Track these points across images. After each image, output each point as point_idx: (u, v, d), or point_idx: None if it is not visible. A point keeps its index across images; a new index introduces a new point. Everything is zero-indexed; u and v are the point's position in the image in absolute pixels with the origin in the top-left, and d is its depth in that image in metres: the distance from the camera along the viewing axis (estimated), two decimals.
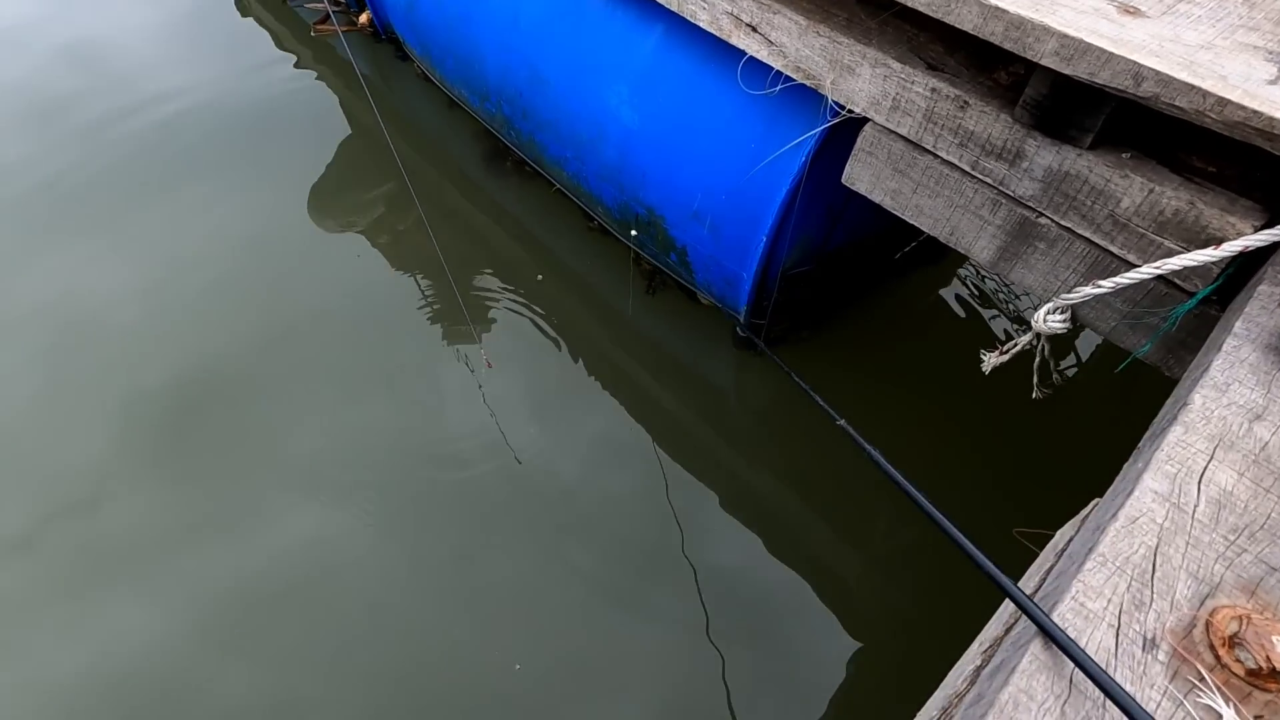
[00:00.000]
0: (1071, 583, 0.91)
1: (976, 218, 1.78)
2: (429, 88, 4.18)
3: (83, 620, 2.39)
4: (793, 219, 2.32)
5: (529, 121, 3.10)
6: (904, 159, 1.86)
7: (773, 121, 2.24)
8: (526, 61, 2.96)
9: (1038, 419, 2.74)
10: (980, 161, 1.70)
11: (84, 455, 2.75)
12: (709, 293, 2.89)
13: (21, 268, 3.39)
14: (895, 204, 1.94)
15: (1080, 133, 1.50)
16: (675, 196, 2.60)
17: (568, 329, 3.22)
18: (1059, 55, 1.37)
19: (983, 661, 1.03)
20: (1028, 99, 1.54)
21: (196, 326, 3.15)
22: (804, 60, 1.94)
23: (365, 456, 2.78)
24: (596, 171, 2.87)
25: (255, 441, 2.82)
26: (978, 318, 3.35)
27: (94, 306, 3.22)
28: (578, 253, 3.51)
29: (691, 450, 2.87)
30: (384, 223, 3.68)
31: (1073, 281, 1.67)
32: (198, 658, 2.32)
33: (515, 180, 3.78)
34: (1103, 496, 1.19)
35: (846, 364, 3.08)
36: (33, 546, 2.54)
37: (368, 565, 2.53)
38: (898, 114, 1.80)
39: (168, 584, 2.47)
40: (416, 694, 2.27)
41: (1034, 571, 1.18)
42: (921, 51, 1.79)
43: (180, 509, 2.63)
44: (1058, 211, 1.62)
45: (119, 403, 2.90)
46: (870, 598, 2.56)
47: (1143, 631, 0.86)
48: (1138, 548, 0.94)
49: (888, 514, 2.73)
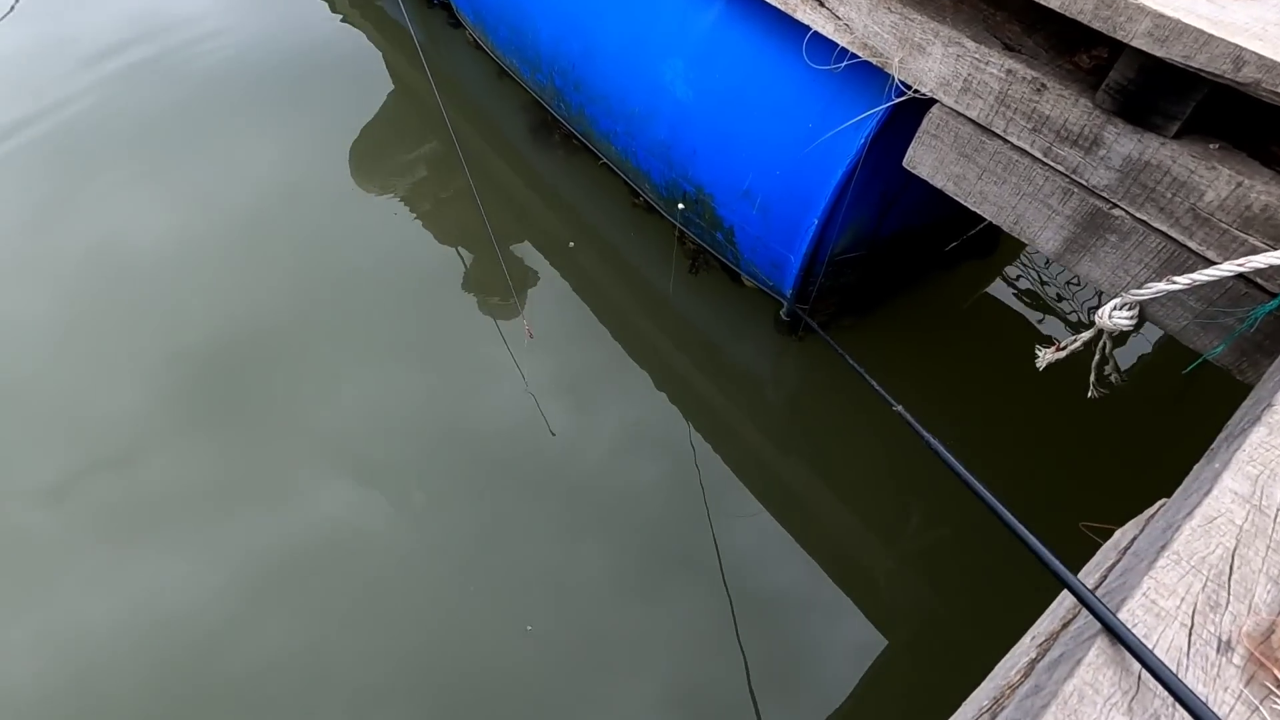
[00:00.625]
0: (1142, 579, 0.88)
1: (1045, 206, 1.72)
2: (479, 56, 4.17)
3: (116, 571, 2.45)
4: (846, 202, 2.27)
5: (580, 94, 3.08)
6: (971, 143, 1.80)
7: (832, 101, 2.18)
8: (581, 33, 2.93)
9: (1088, 418, 2.66)
10: (1053, 148, 1.64)
11: (121, 408, 2.81)
12: (753, 275, 2.86)
13: (65, 213, 3.47)
14: (958, 190, 1.89)
15: (1166, 120, 1.44)
16: (726, 175, 2.56)
17: (606, 306, 3.22)
18: (1152, 36, 1.31)
19: (1038, 654, 1.00)
20: (1111, 83, 1.47)
21: (237, 282, 3.20)
22: (871, 37, 1.89)
23: (397, 424, 2.82)
24: (646, 147, 2.84)
25: (289, 403, 2.86)
26: (1027, 315, 3.26)
27: (134, 257, 3.29)
28: (621, 229, 3.49)
29: (723, 434, 2.85)
30: (425, 188, 3.70)
31: (1144, 277, 1.60)
32: (226, 612, 2.37)
33: (561, 154, 3.76)
34: (1170, 497, 1.15)
35: (889, 353, 3.02)
36: (66, 497, 2.60)
37: (394, 532, 2.56)
38: (968, 96, 1.74)
39: (200, 540, 2.52)
40: (433, 658, 2.31)
41: (1092, 568, 1.15)
42: (998, 31, 1.73)
43: (211, 467, 2.69)
44: (1133, 203, 1.56)
45: (155, 357, 2.96)
46: (898, 593, 2.53)
47: (1217, 633, 0.83)
48: (1214, 548, 0.90)
49: (921, 509, 2.69)
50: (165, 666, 2.28)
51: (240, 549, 2.50)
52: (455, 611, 2.41)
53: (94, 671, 2.26)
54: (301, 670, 2.29)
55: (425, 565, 2.50)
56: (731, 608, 2.42)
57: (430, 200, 3.63)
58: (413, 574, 2.48)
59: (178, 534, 2.53)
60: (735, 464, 2.77)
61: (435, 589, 2.45)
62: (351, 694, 2.24)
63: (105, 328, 3.05)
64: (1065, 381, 2.13)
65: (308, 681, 2.26)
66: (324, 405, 2.86)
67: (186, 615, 2.37)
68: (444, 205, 3.61)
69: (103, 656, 2.29)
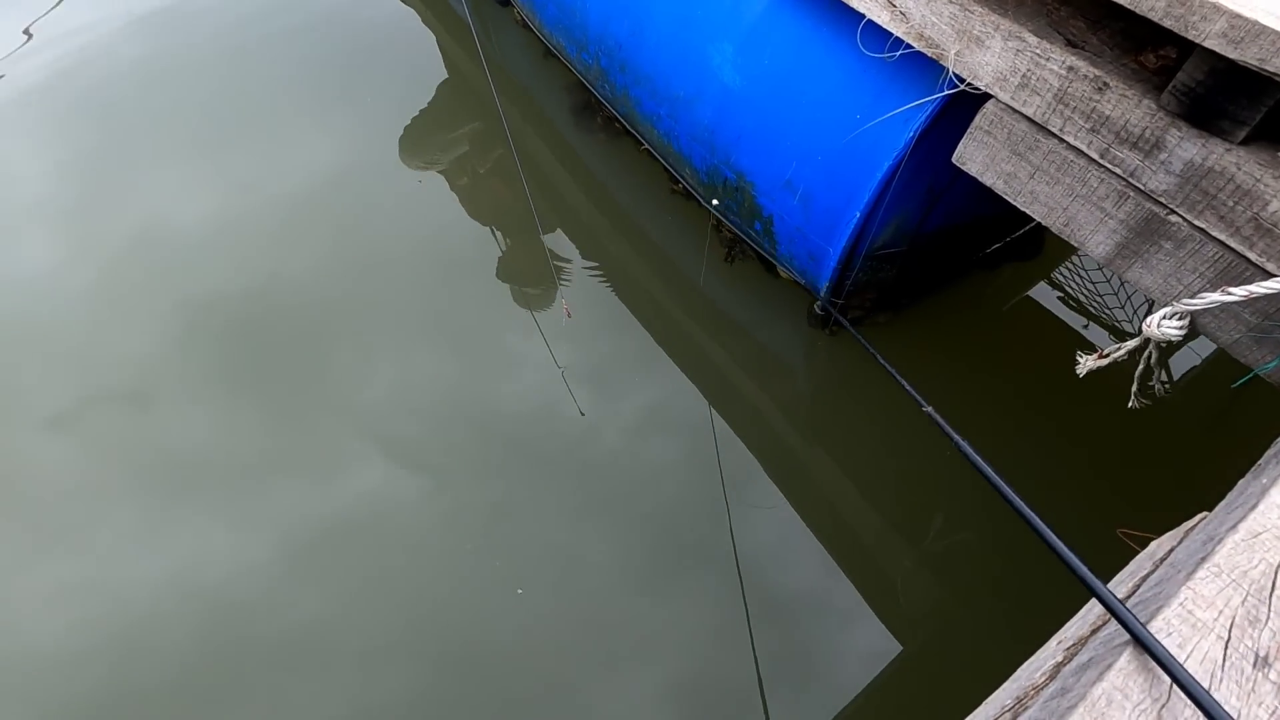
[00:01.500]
0: (1180, 589, 0.87)
1: (1098, 209, 1.67)
2: (526, 35, 4.17)
3: (153, 532, 2.54)
4: (890, 195, 2.24)
5: (625, 75, 3.07)
6: (1025, 141, 1.76)
7: (882, 92, 2.15)
8: (629, 13, 2.91)
9: (1125, 428, 2.61)
10: (1111, 149, 1.60)
11: (160, 374, 2.90)
12: (790, 267, 2.84)
13: (115, 184, 3.57)
14: (1008, 188, 1.85)
15: (1234, 125, 1.39)
16: (769, 163, 2.54)
17: (638, 291, 3.22)
18: (1227, 37, 1.27)
19: (1065, 658, 1.00)
20: (1179, 85, 1.43)
21: (276, 253, 3.27)
22: (929, 27, 1.85)
23: (425, 401, 2.86)
24: (689, 131, 2.82)
25: (321, 377, 2.91)
26: (1070, 320, 3.19)
27: (179, 230, 3.37)
28: (657, 215, 3.48)
29: (750, 425, 2.85)
30: (465, 162, 3.73)
31: (1197, 286, 1.56)
32: (257, 577, 2.45)
33: (602, 137, 3.76)
34: (1212, 510, 1.13)
35: (925, 353, 2.99)
36: (105, 457, 2.70)
37: (418, 508, 2.60)
38: (1025, 92, 1.70)
39: (232, 506, 2.60)
40: (443, 631, 2.36)
41: (1125, 577, 1.13)
42: (1061, 27, 1.68)
43: (241, 436, 2.76)
44: (1192, 210, 1.51)
45: (192, 326, 3.04)
46: (917, 596, 2.51)
47: (1255, 648, 0.82)
48: (1257, 563, 0.89)
49: (945, 511, 2.67)
50: (196, 623, 2.37)
51: (268, 517, 2.58)
52: (463, 593, 2.44)
53: (129, 629, 2.36)
54: (319, 633, 2.36)
55: (450, 542, 2.54)
56: (744, 598, 2.43)
57: (469, 174, 3.66)
58: (438, 549, 2.53)
59: (212, 499, 2.62)
60: (761, 454, 2.77)
61: (445, 570, 2.49)
62: (358, 658, 2.30)
63: (145, 297, 3.15)
64: (1105, 390, 2.09)
65: (322, 644, 2.33)
66: (356, 381, 2.92)
67: (214, 575, 2.45)
68: (481, 181, 3.64)
69: (137, 614, 2.38)
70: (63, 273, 3.23)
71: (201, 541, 2.53)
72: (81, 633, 2.35)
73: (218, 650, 2.32)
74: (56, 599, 2.41)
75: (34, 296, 3.16)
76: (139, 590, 2.43)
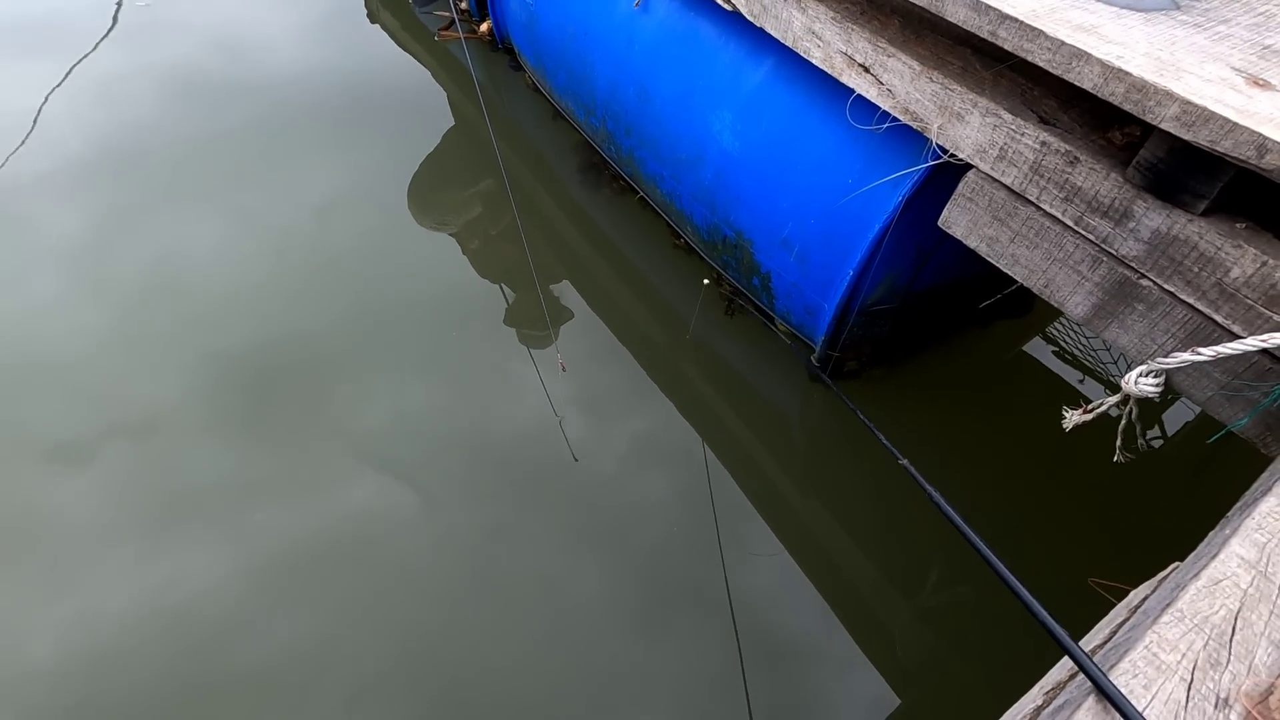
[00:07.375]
0: (1145, 634, 0.93)
1: (1074, 272, 1.78)
2: (537, 98, 4.40)
3: (143, 558, 2.56)
4: (881, 254, 2.35)
5: (631, 138, 3.24)
6: (1005, 208, 1.88)
7: (872, 159, 2.28)
8: (636, 81, 3.10)
9: (1110, 483, 2.65)
10: (1084, 218, 1.71)
11: (159, 403, 2.97)
12: (787, 321, 2.94)
13: (132, 226, 3.71)
14: (991, 251, 1.96)
15: (1194, 198, 1.50)
16: (766, 222, 2.67)
17: (639, 342, 3.32)
18: (1180, 121, 1.39)
19: (1044, 702, 1.04)
20: (1142, 161, 1.55)
21: (284, 298, 3.38)
22: (913, 103, 1.99)
23: (423, 437, 2.92)
24: (691, 191, 2.97)
25: (320, 411, 2.98)
26: (1059, 376, 3.27)
27: (187, 270, 3.48)
28: (659, 269, 3.61)
29: (746, 473, 2.90)
30: (477, 225, 3.88)
31: (1170, 346, 1.64)
32: (244, 602, 2.46)
33: (608, 194, 3.93)
34: (1183, 560, 1.19)
35: (917, 405, 3.06)
36: (99, 481, 2.74)
37: (414, 536, 2.63)
38: (1003, 163, 1.83)
39: (223, 531, 2.62)
40: (430, 660, 2.36)
41: (1103, 626, 1.18)
42: (1034, 105, 1.82)
43: (242, 464, 2.81)
44: (1161, 275, 1.61)
45: (198, 357, 3.12)
46: (914, 649, 2.51)
47: (1216, 690, 0.87)
48: (1218, 609, 0.94)
49: (941, 564, 2.69)
50: (180, 650, 2.37)
51: (259, 543, 2.60)
52: (450, 624, 2.45)
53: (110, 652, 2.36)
54: (306, 662, 2.36)
55: (428, 572, 2.56)
56: (738, 643, 2.43)
57: (480, 237, 3.81)
58: (431, 579, 2.54)
59: (204, 523, 2.64)
60: (756, 502, 2.81)
61: (435, 599, 2.50)
62: (349, 688, 2.30)
63: (153, 329, 3.24)
64: (1099, 442, 2.15)
65: (312, 671, 2.33)
66: (354, 416, 2.98)
67: (205, 601, 2.46)
68: (493, 242, 3.78)
69: (120, 640, 2.39)
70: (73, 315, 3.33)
71: (189, 571, 2.54)
72: (65, 660, 2.34)
73: (206, 680, 2.30)
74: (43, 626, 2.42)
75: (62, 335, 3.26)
76: (119, 620, 2.43)
